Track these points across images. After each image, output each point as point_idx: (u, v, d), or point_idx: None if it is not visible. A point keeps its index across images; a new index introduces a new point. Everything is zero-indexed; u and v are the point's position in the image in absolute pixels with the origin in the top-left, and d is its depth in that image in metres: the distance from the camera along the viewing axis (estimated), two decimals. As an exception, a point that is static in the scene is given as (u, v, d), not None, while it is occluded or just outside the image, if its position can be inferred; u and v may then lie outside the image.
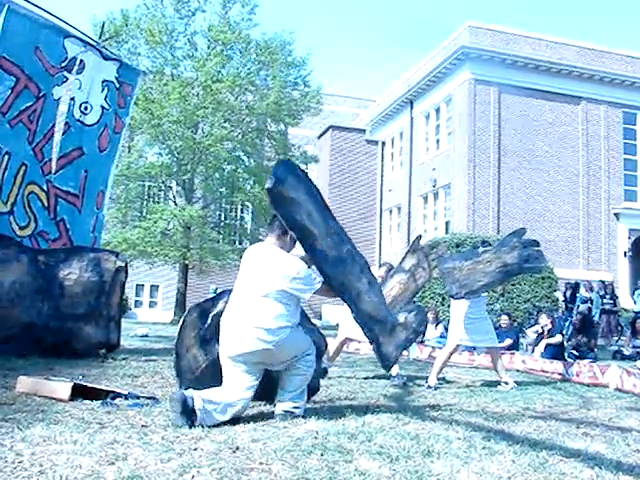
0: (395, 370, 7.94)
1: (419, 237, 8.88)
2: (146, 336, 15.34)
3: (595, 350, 12.49)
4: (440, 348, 12.21)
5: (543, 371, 9.95)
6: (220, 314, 5.18)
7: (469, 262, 7.81)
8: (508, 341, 12.53)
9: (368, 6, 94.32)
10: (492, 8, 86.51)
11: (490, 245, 8.38)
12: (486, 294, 8.30)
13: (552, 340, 11.29)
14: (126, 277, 8.54)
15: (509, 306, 18.31)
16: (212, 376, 5.08)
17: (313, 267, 5.07)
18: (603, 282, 19.38)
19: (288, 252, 5.06)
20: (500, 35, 27.96)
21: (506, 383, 7.95)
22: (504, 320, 13.15)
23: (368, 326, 5.22)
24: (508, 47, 27.58)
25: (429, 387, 7.49)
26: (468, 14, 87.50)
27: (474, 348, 10.82)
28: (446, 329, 13.95)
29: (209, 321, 5.39)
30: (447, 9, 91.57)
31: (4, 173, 9.26)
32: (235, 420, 4.58)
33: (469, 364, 11.24)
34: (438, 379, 7.86)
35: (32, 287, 7.68)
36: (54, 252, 8.23)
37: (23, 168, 9.57)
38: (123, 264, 8.39)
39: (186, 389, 4.73)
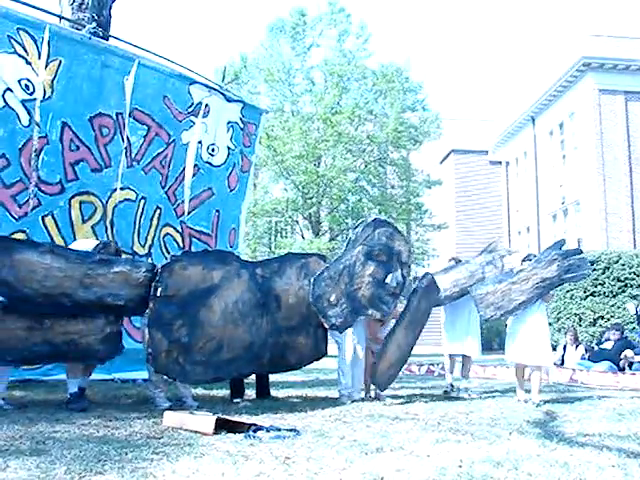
0: None
1: (497, 240, 9.87)
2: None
3: None
4: (581, 370, 11.77)
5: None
6: None
7: (503, 284, 8.12)
8: None
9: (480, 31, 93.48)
10: (608, 19, 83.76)
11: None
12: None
13: None
14: None
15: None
16: None
17: None
18: None
19: None
20: (621, 41, 26.86)
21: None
22: None
23: None
24: (631, 53, 26.50)
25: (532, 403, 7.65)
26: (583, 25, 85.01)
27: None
28: (586, 350, 13.41)
29: None
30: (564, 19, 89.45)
31: (141, 217, 9.72)
32: (378, 449, 4.55)
33: (614, 386, 10.73)
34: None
35: (252, 303, 7.47)
36: (269, 263, 8.07)
37: (158, 211, 10.00)
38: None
39: None
